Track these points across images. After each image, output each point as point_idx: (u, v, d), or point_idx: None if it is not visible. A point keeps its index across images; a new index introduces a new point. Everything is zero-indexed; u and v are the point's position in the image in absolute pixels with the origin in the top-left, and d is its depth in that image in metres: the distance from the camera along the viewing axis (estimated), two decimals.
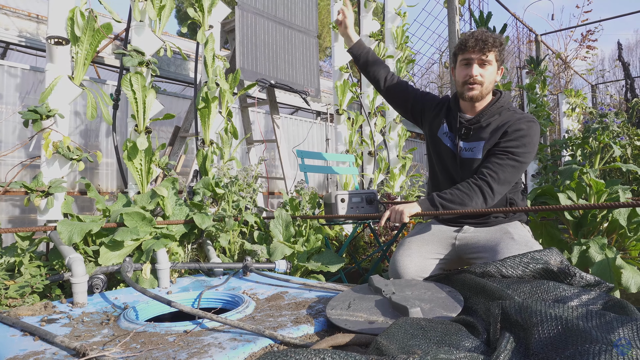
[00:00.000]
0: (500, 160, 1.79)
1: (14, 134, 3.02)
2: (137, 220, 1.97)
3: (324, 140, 5.54)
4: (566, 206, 1.62)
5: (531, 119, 1.84)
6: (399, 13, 4.44)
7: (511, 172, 1.79)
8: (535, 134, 1.82)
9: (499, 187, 1.79)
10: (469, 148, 1.90)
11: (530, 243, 1.70)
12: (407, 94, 2.18)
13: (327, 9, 13.41)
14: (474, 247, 1.83)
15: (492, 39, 1.85)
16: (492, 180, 1.77)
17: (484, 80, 1.87)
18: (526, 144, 1.80)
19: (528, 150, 1.81)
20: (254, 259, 2.18)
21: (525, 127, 1.80)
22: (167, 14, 2.48)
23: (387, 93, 2.24)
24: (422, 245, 1.89)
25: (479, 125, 1.89)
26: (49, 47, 2.06)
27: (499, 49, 1.86)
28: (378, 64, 2.22)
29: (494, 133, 1.84)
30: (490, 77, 1.88)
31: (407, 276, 1.80)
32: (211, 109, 2.65)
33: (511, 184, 1.84)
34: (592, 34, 7.58)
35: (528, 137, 1.80)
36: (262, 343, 1.07)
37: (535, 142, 1.82)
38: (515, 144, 1.79)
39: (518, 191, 1.97)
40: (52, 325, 1.28)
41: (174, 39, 5.56)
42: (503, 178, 1.78)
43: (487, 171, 1.79)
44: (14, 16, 3.52)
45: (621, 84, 11.61)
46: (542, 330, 0.88)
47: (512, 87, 5.98)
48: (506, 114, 1.88)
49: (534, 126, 1.82)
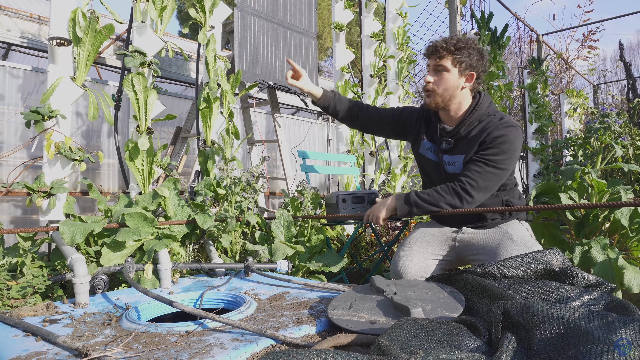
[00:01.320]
0: (479, 167, 1.75)
1: (16, 134, 3.02)
2: (139, 221, 1.98)
3: (325, 140, 5.54)
4: (565, 205, 1.62)
5: (511, 123, 1.78)
6: (400, 13, 4.44)
7: (491, 179, 1.76)
8: (515, 139, 1.76)
9: (478, 194, 1.76)
10: (452, 162, 1.87)
11: (529, 243, 1.69)
12: (384, 121, 2.14)
13: (328, 9, 13.40)
14: (473, 248, 1.83)
15: (447, 44, 1.78)
16: (470, 188, 1.74)
17: (436, 88, 1.81)
18: (506, 150, 1.74)
19: (508, 157, 1.76)
20: (256, 260, 2.18)
21: (505, 133, 1.74)
22: (169, 15, 2.48)
23: (365, 126, 2.20)
24: (423, 246, 1.89)
25: (460, 136, 1.84)
26: (50, 48, 2.06)
27: (457, 54, 1.77)
28: (346, 103, 2.18)
29: (474, 143, 1.79)
30: (446, 83, 1.80)
31: (408, 277, 1.80)
32: (212, 110, 2.65)
33: (492, 191, 1.80)
34: (593, 34, 7.57)
35: (507, 143, 1.74)
36: (264, 343, 1.07)
37: (516, 147, 1.77)
38: (494, 151, 1.74)
39: (514, 192, 1.94)
40: (54, 326, 1.28)
41: (175, 40, 5.57)
42: (483, 186, 1.75)
43: (466, 179, 1.75)
44: (16, 17, 3.53)
45: (623, 84, 11.59)
46: (544, 331, 0.88)
47: (513, 87, 5.97)
48: (486, 120, 1.81)
49: (514, 130, 1.76)
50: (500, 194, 1.88)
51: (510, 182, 1.91)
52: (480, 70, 1.82)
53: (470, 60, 1.79)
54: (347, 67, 4.11)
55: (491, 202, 1.87)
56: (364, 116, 2.16)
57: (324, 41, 14.04)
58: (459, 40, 1.79)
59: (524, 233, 1.83)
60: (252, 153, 4.03)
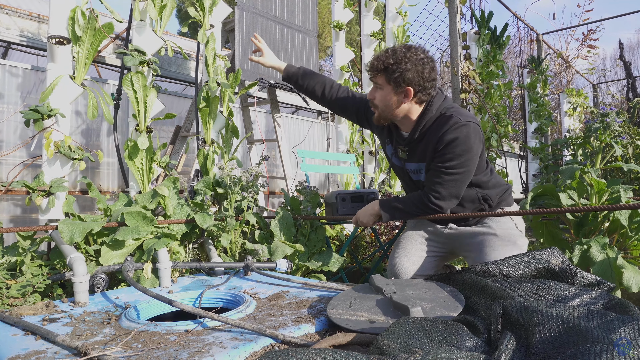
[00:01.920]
0: (440, 179, 1.72)
1: (16, 133, 3.02)
2: (138, 220, 1.97)
3: (325, 139, 5.53)
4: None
5: (462, 122, 1.67)
6: (400, 12, 4.44)
7: (454, 185, 1.73)
8: (469, 137, 1.67)
9: (446, 203, 1.75)
10: (415, 170, 1.87)
11: (513, 237, 1.69)
12: (349, 111, 2.07)
13: (328, 8, 13.38)
14: (461, 244, 1.87)
15: (378, 62, 1.72)
16: (437, 200, 1.74)
17: (375, 105, 1.79)
18: (461, 153, 1.67)
19: (465, 158, 1.69)
20: (255, 259, 2.18)
21: (456, 136, 1.66)
22: (168, 14, 2.48)
23: (331, 108, 2.14)
24: (417, 244, 1.92)
25: (414, 143, 1.81)
26: (50, 46, 2.06)
27: (388, 71, 1.69)
28: (314, 76, 2.10)
29: (429, 146, 1.75)
30: (383, 101, 1.74)
31: (405, 276, 1.82)
32: (212, 109, 2.65)
33: (461, 192, 1.77)
34: (593, 33, 7.57)
35: (461, 145, 1.66)
36: (263, 342, 1.07)
37: (471, 144, 1.68)
38: (449, 157, 1.68)
39: (493, 187, 1.89)
40: (53, 325, 1.28)
41: (175, 39, 5.56)
42: (448, 194, 1.73)
43: (430, 193, 1.74)
44: (15, 16, 3.52)
45: (622, 84, 11.59)
46: (543, 330, 0.88)
47: (513, 87, 5.97)
48: (437, 122, 1.74)
49: (465, 129, 1.67)
50: (473, 189, 1.84)
51: (480, 169, 1.83)
52: (417, 84, 1.69)
53: (403, 76, 1.67)
54: (347, 66, 4.11)
55: (466, 194, 1.83)
56: (330, 99, 2.08)
57: (323, 40, 14.02)
58: (394, 54, 1.69)
59: (508, 225, 1.81)
60: (252, 152, 4.03)
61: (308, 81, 2.11)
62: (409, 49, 1.71)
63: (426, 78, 1.70)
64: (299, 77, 2.12)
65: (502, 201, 1.92)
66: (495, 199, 1.88)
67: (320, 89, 2.09)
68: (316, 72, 2.16)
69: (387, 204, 1.88)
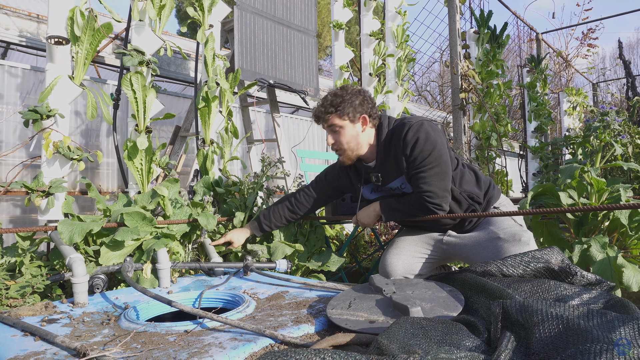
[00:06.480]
0: (424, 177, 1.77)
1: (15, 134, 3.02)
2: (138, 220, 1.97)
3: (325, 139, 5.53)
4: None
5: (415, 123, 1.78)
6: (399, 12, 4.44)
7: (440, 177, 1.77)
8: (429, 132, 1.76)
9: (442, 200, 1.78)
10: (399, 185, 1.90)
11: (518, 235, 1.68)
12: (320, 199, 2.17)
13: (327, 7, 13.39)
14: (462, 251, 1.85)
15: (325, 107, 1.83)
16: (432, 199, 1.77)
17: (342, 146, 1.87)
18: (429, 147, 1.75)
19: (436, 151, 1.76)
20: (255, 259, 2.18)
21: (416, 136, 1.75)
22: (167, 14, 2.48)
23: (313, 209, 2.21)
24: (411, 245, 1.94)
25: (383, 162, 1.88)
26: (49, 46, 2.06)
27: (339, 109, 1.82)
28: (274, 208, 2.18)
29: (398, 158, 1.82)
30: (346, 137, 1.86)
31: (395, 275, 1.86)
32: (211, 109, 2.65)
33: (449, 184, 1.81)
34: (592, 32, 7.57)
35: (426, 141, 1.75)
36: (263, 343, 1.07)
37: (435, 137, 1.76)
38: (421, 155, 1.75)
39: (478, 183, 1.92)
40: (52, 326, 1.28)
41: (174, 39, 5.56)
42: (437, 189, 1.77)
43: (424, 194, 1.78)
44: (14, 16, 3.52)
45: (622, 82, 11.60)
46: (543, 330, 0.88)
47: (512, 86, 5.97)
48: (396, 132, 1.83)
49: (420, 127, 1.76)
50: (454, 189, 1.87)
51: (453, 165, 1.88)
52: (367, 109, 1.86)
53: (354, 107, 1.82)
54: (346, 66, 4.11)
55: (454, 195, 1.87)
56: (302, 209, 2.18)
57: (323, 40, 14.03)
58: (335, 96, 1.84)
59: (507, 223, 1.82)
60: (252, 152, 4.03)
61: (274, 217, 2.17)
62: (341, 88, 1.87)
63: (368, 103, 1.87)
64: (264, 224, 2.18)
65: (491, 197, 1.92)
66: (481, 196, 1.89)
67: (289, 213, 2.17)
68: (272, 205, 2.21)
69: (388, 206, 1.90)
